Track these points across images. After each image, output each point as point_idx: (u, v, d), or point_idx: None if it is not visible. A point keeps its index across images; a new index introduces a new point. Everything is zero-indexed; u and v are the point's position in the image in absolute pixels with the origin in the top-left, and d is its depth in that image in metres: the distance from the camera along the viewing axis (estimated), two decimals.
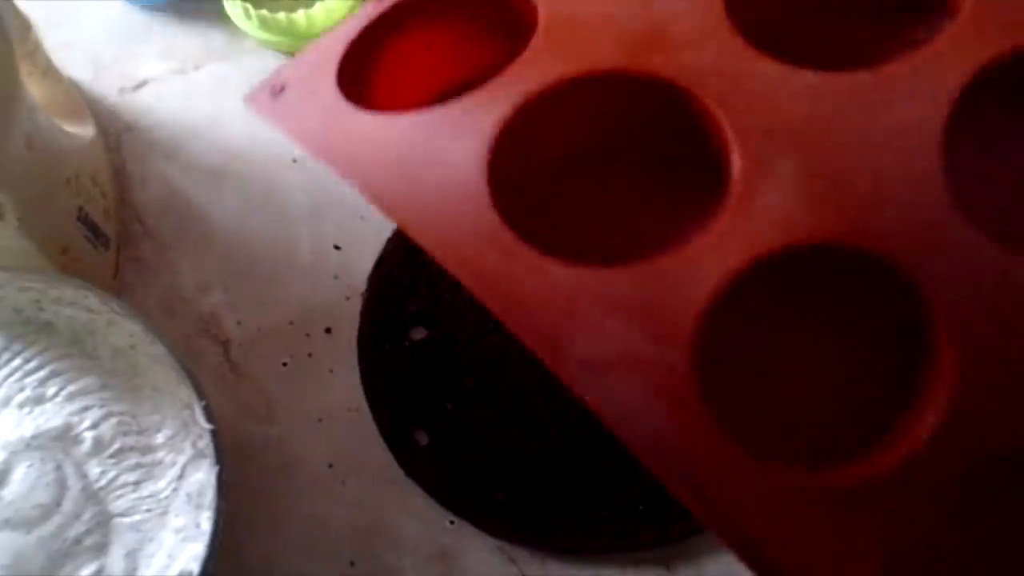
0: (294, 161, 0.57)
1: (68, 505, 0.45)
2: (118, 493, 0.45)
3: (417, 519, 0.50)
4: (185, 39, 0.61)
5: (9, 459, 0.45)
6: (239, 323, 0.54)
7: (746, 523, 0.24)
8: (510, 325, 0.26)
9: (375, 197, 0.28)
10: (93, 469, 0.46)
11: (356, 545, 0.50)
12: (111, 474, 0.46)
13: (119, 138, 0.59)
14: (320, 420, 0.52)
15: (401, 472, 0.51)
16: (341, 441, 0.52)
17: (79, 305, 0.47)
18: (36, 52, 0.53)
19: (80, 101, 0.58)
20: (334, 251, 0.56)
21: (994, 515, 0.26)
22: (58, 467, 0.45)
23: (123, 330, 0.47)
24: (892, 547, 0.24)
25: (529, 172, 0.30)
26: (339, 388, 0.53)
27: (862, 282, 0.26)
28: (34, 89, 0.52)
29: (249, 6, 0.58)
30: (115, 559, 0.45)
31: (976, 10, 0.27)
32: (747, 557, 0.24)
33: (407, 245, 0.55)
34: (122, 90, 0.60)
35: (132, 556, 0.45)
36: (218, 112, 0.59)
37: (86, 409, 0.47)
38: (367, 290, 0.54)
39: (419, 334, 0.53)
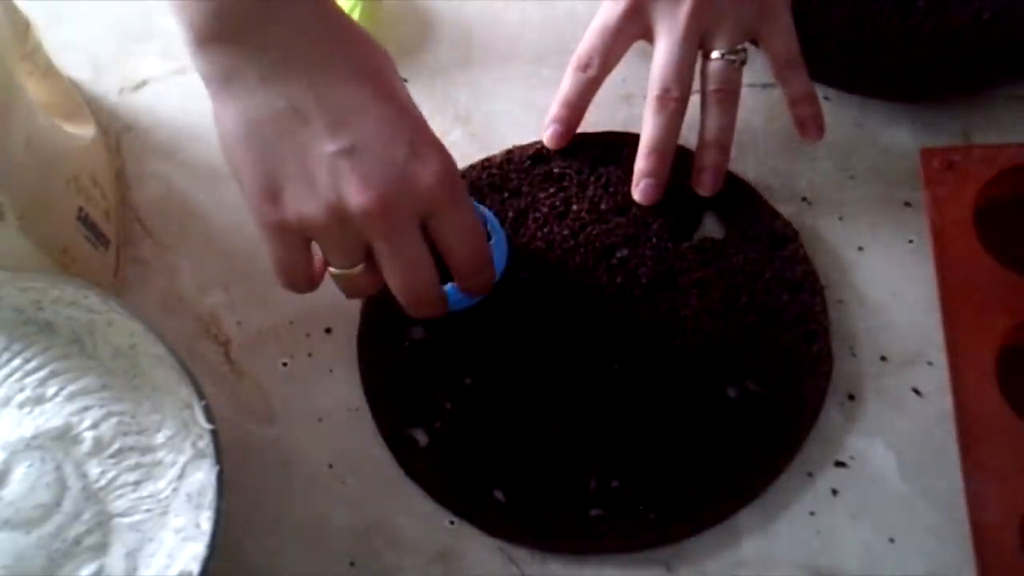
0: None
1: (68, 505, 0.45)
2: (118, 493, 0.45)
3: (417, 519, 0.50)
4: None
5: (9, 459, 0.45)
6: (239, 323, 0.54)
7: None
8: None
9: None
10: (93, 469, 0.46)
11: (356, 545, 0.50)
12: (111, 474, 0.46)
13: (119, 138, 0.59)
14: (320, 420, 0.52)
15: (401, 472, 0.51)
16: (341, 441, 0.52)
17: (79, 305, 0.47)
18: (36, 52, 0.53)
19: (80, 101, 0.58)
20: None
21: None
22: (58, 467, 0.45)
23: (123, 330, 0.47)
24: None
25: None
26: (339, 388, 0.53)
27: None
28: (34, 89, 0.52)
29: None
30: (115, 559, 0.45)
31: None
32: None
33: None
34: (122, 90, 0.60)
35: (132, 556, 0.45)
36: None
37: (86, 409, 0.47)
38: None
39: (419, 334, 0.53)
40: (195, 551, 0.44)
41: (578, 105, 0.54)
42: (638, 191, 0.53)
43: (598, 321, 0.53)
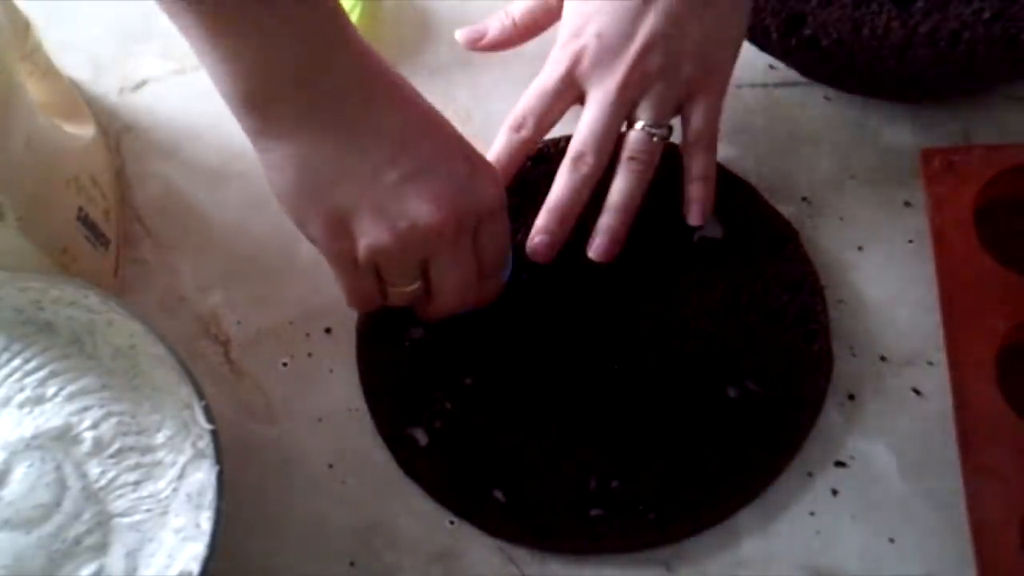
0: None
1: (68, 505, 0.45)
2: (118, 493, 0.45)
3: (417, 519, 0.50)
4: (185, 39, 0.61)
5: (9, 459, 0.45)
6: (239, 323, 0.54)
7: None
8: None
9: None
10: (93, 469, 0.46)
11: (356, 545, 0.50)
12: (111, 474, 0.46)
13: (119, 138, 0.59)
14: (320, 420, 0.52)
15: (401, 472, 0.51)
16: (341, 441, 0.52)
17: (79, 305, 0.47)
18: (36, 52, 0.53)
19: (80, 101, 0.58)
20: None
21: None
22: (58, 467, 0.45)
23: (123, 330, 0.47)
24: None
25: None
26: (339, 388, 0.53)
27: None
28: (34, 89, 0.52)
29: None
30: (115, 559, 0.45)
31: None
32: None
33: None
34: (122, 90, 0.60)
35: (132, 556, 0.45)
36: (218, 112, 0.58)
37: (86, 409, 0.46)
38: None
39: (418, 333, 0.53)
40: (195, 551, 0.44)
41: (508, 166, 0.53)
42: (531, 245, 0.52)
43: (598, 321, 0.53)
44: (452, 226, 0.45)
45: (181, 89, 0.60)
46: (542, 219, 0.52)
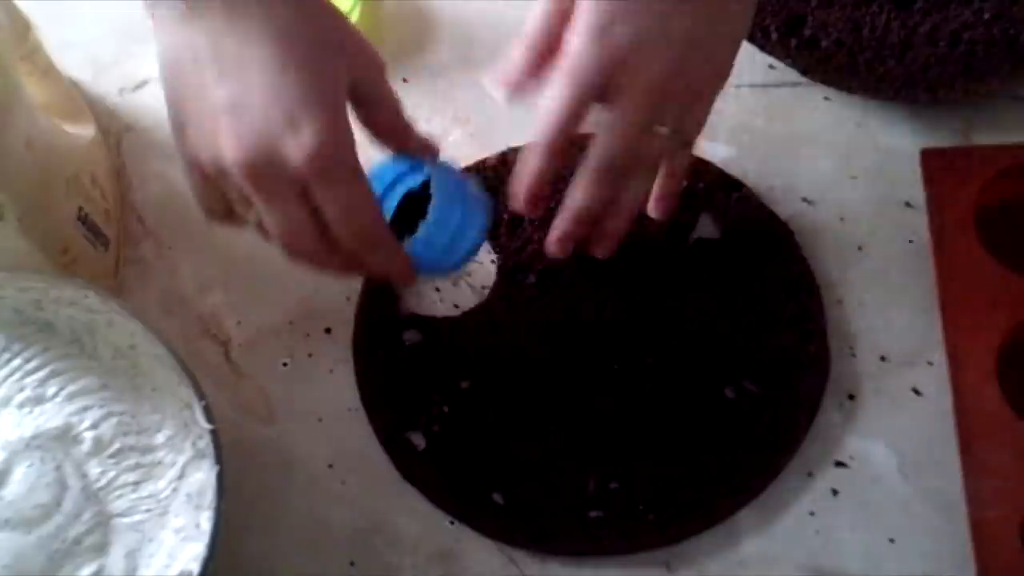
0: None
1: (68, 505, 0.45)
2: (118, 493, 0.45)
3: (417, 519, 0.50)
4: None
5: (9, 459, 0.45)
6: (239, 323, 0.54)
7: None
8: None
9: None
10: (93, 469, 0.46)
11: (356, 545, 0.50)
12: (111, 474, 0.46)
13: (119, 138, 0.59)
14: (320, 420, 0.52)
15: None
16: (341, 441, 0.52)
17: (79, 305, 0.47)
18: (36, 52, 0.53)
19: (80, 101, 0.58)
20: None
21: None
22: (58, 467, 0.45)
23: (123, 330, 0.47)
24: None
25: None
26: (339, 388, 0.53)
27: None
28: (34, 89, 0.52)
29: None
30: (115, 559, 0.45)
31: None
32: None
33: None
34: (122, 90, 0.60)
35: (132, 556, 0.45)
36: None
37: (86, 409, 0.47)
38: (361, 293, 0.54)
39: (414, 337, 0.53)
40: (195, 551, 0.44)
41: (542, 181, 0.50)
42: (550, 247, 0.50)
43: (595, 322, 0.53)
44: (248, 171, 0.42)
45: None
46: (562, 222, 0.50)
